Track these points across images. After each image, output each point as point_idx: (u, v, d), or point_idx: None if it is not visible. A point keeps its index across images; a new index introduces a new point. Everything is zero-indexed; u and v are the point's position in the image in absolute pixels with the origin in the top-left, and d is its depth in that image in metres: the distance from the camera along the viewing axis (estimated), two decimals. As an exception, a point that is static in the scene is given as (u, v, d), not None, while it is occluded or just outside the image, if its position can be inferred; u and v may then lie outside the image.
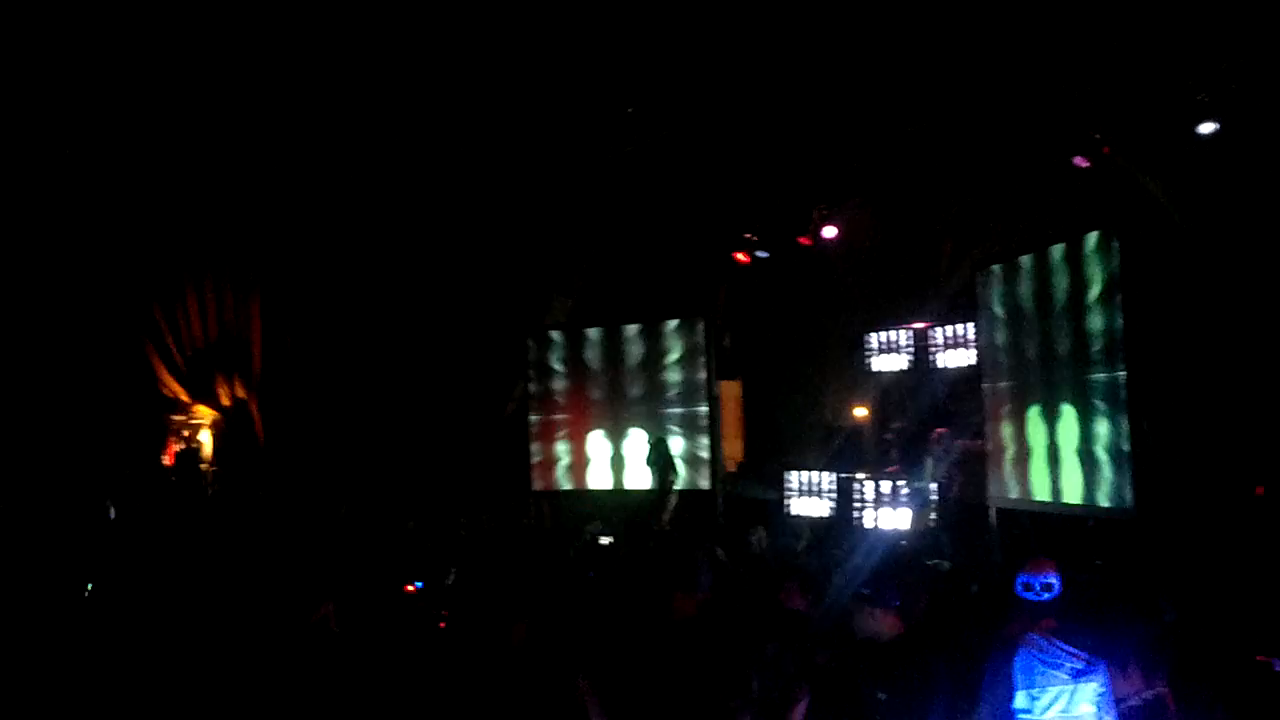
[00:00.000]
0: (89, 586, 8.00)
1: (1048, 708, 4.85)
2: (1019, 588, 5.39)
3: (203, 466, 15.61)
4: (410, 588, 7.61)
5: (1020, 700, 4.87)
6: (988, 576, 7.87)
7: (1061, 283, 10.17)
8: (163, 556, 9.43)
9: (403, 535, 11.06)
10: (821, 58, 11.21)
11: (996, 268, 11.44)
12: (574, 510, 14.05)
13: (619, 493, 14.03)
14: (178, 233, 14.92)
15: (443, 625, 6.71)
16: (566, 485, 14.68)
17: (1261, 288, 10.19)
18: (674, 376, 13.91)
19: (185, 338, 15.64)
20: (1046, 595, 5.34)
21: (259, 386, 15.82)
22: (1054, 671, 4.86)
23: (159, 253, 15.06)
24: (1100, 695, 4.82)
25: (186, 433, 15.72)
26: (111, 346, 15.13)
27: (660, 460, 13.15)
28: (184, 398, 15.63)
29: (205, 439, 15.70)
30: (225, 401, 15.71)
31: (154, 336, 15.48)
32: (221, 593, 7.39)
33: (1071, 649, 4.89)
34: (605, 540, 11.91)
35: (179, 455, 15.67)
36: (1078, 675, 4.87)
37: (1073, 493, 10.02)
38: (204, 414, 15.67)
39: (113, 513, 11.65)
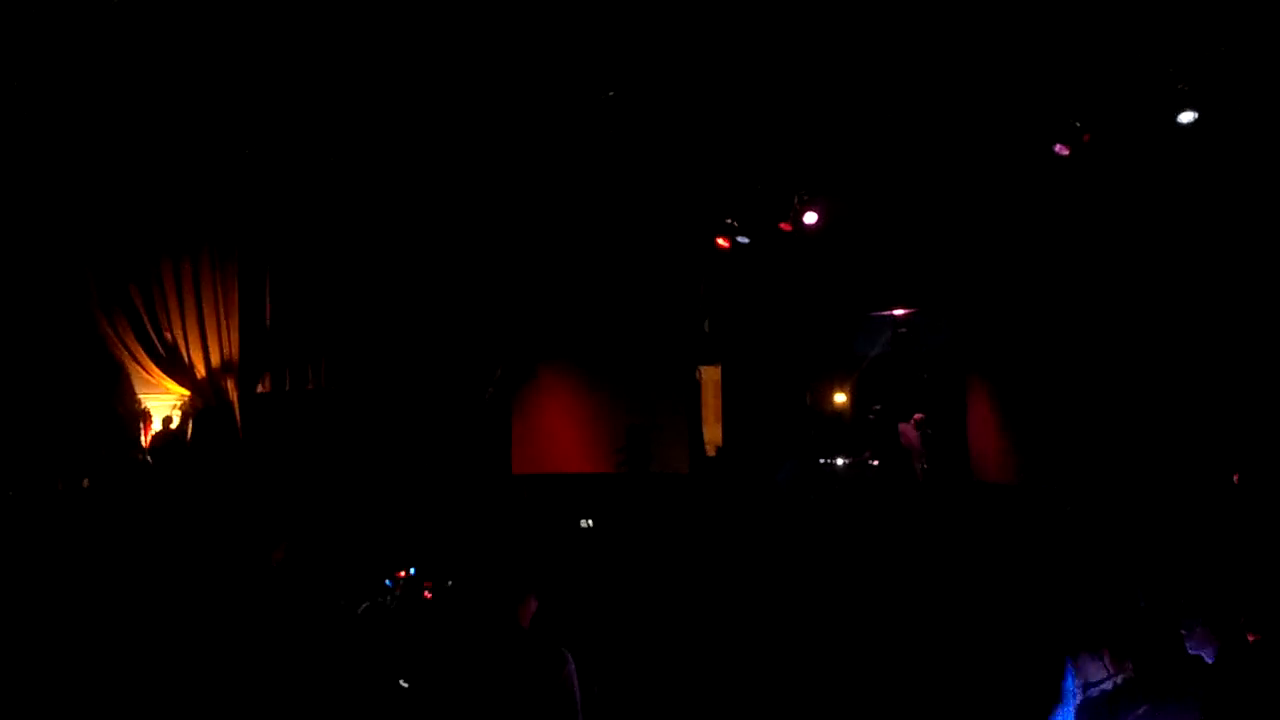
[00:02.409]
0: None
1: None
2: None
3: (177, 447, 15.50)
4: (402, 573, 7.63)
5: None
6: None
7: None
8: (136, 536, 9.39)
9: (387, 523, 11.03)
10: (802, 44, 11.19)
11: (976, 255, 11.51)
12: (553, 493, 14.09)
13: (599, 476, 14.04)
14: (155, 210, 14.78)
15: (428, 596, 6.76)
16: (547, 468, 14.66)
17: (1241, 278, 10.27)
18: (654, 361, 13.91)
19: (162, 316, 15.52)
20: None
21: (237, 368, 15.73)
22: None
23: (136, 229, 14.93)
24: (1068, 672, 5.01)
25: (165, 414, 15.62)
26: (85, 328, 15.03)
27: (636, 447, 13.24)
28: (156, 374, 15.51)
29: (176, 419, 15.58)
30: (200, 374, 15.60)
31: (130, 314, 15.35)
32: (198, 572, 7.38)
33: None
34: (585, 523, 11.96)
35: (156, 437, 15.58)
36: None
37: (1050, 475, 10.10)
38: (175, 391, 15.54)
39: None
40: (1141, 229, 10.71)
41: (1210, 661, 4.87)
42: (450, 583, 7.25)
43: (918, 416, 12.38)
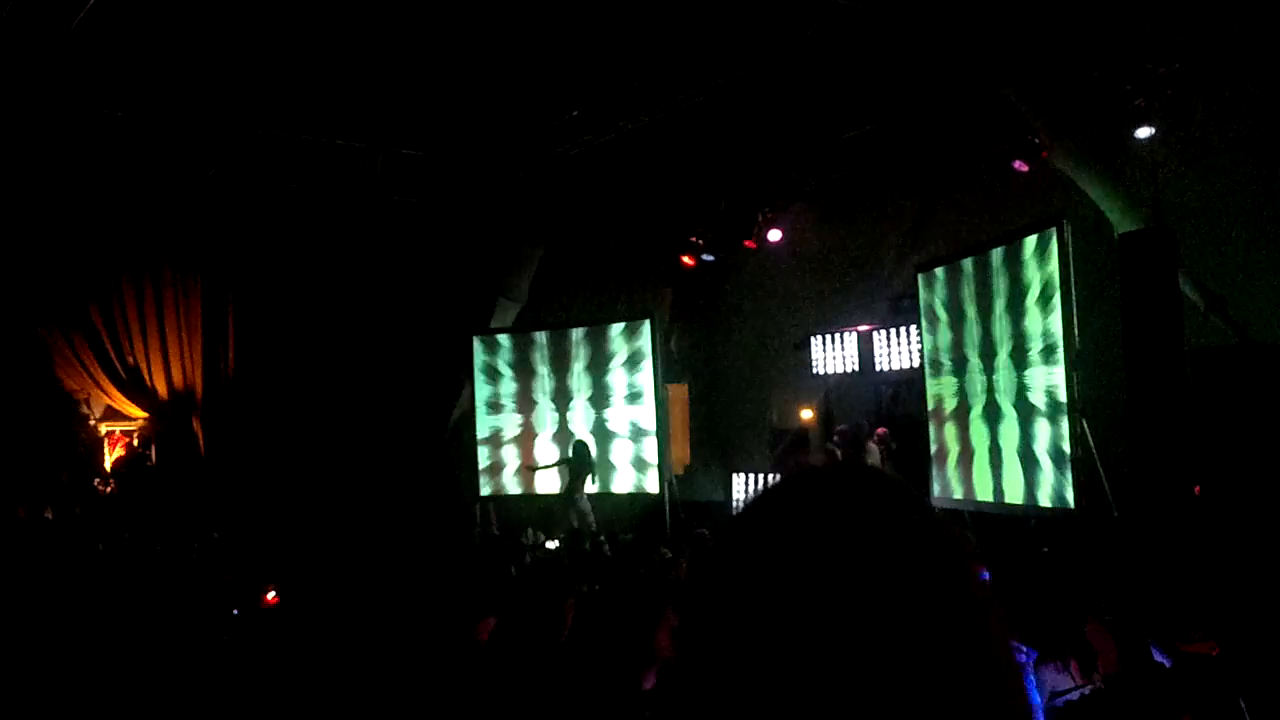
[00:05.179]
0: None
1: None
2: None
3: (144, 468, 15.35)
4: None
5: None
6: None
7: (1002, 285, 10.29)
8: (103, 565, 9.30)
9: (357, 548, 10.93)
10: (766, 63, 11.24)
11: (939, 270, 11.56)
12: (521, 515, 14.05)
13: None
14: (116, 229, 14.61)
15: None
16: (514, 490, 14.62)
17: (1197, 289, 10.35)
18: (620, 380, 13.90)
19: (123, 338, 15.35)
20: None
21: (201, 391, 15.59)
22: None
23: (96, 250, 14.75)
24: (1030, 685, 4.95)
25: (127, 439, 15.48)
26: (45, 352, 14.87)
27: (576, 463, 13.17)
28: (117, 398, 15.33)
29: (136, 444, 15.43)
30: (162, 396, 15.43)
31: (90, 336, 15.17)
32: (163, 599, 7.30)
33: (1022, 644, 5.02)
34: (551, 545, 11.91)
35: (118, 463, 15.43)
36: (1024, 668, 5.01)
37: (1014, 493, 10.12)
38: (135, 415, 15.38)
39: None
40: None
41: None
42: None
43: (881, 431, 12.42)
